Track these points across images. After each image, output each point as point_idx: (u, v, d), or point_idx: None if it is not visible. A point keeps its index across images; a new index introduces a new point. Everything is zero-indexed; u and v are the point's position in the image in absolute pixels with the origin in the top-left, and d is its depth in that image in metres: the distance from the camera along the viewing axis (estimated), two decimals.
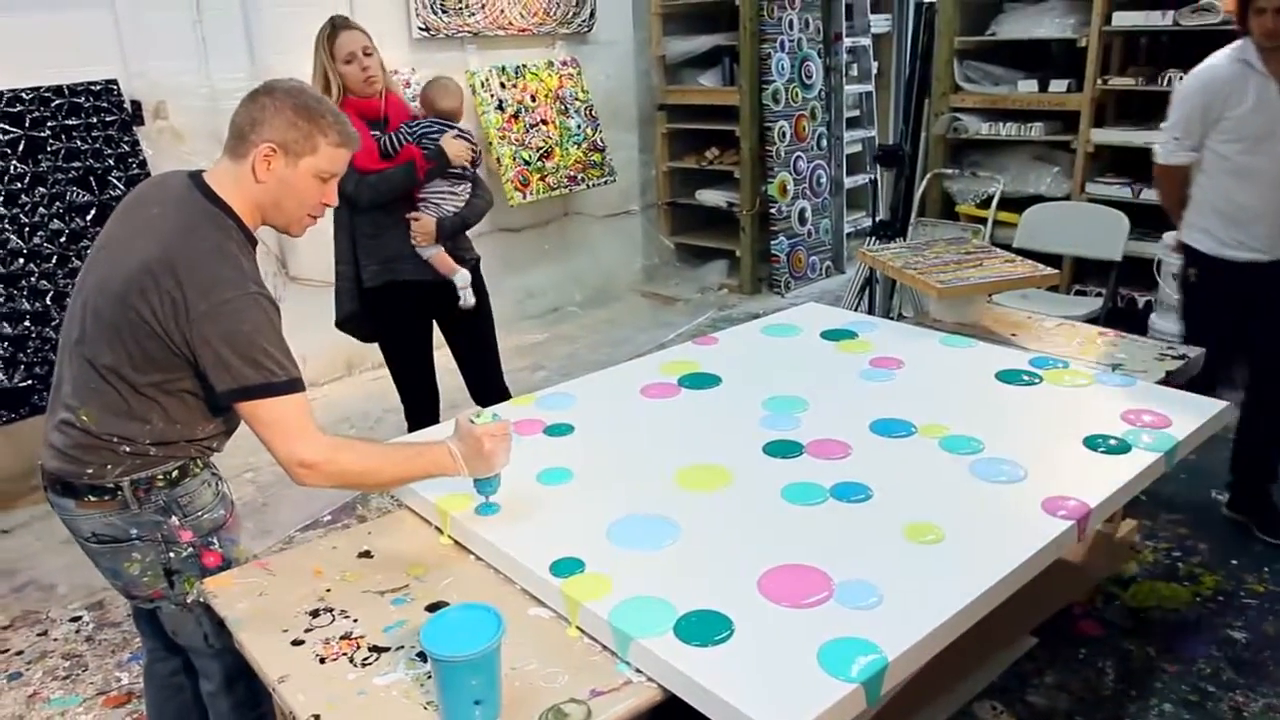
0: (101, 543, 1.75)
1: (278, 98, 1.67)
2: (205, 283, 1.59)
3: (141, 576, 1.77)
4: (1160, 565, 2.93)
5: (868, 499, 1.82)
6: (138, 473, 1.71)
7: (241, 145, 1.68)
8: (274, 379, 1.61)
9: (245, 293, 1.61)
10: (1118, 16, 4.24)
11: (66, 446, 1.69)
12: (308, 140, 1.67)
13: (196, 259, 1.61)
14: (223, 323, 1.59)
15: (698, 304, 5.77)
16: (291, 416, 1.63)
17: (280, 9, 4.20)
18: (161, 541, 1.75)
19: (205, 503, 1.80)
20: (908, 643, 1.40)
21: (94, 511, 1.72)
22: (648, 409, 2.28)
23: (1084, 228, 4.22)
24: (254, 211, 1.72)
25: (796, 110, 5.81)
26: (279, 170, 1.68)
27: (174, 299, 1.59)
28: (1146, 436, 2.04)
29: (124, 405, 1.67)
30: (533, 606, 1.61)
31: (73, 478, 1.70)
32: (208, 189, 1.69)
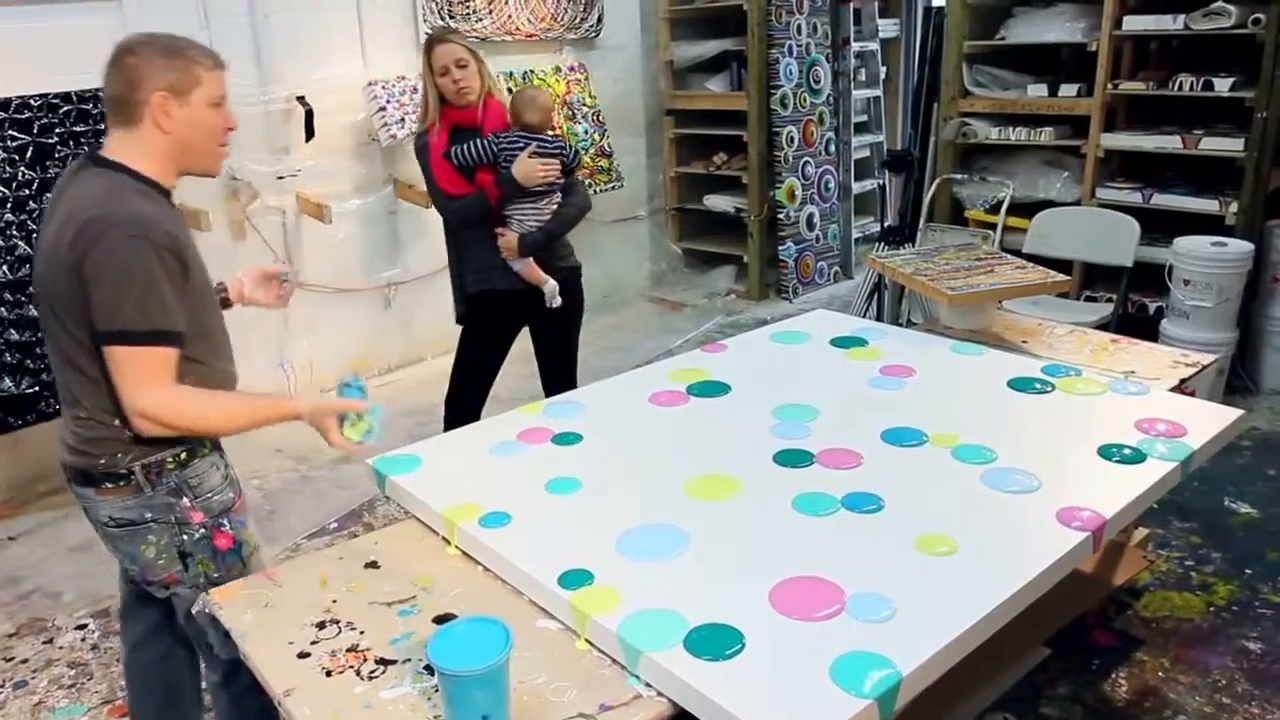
0: (119, 526, 1.82)
1: (141, 52, 1.70)
2: (105, 236, 1.62)
3: (157, 559, 1.83)
4: (1173, 574, 2.90)
5: (879, 509, 1.80)
6: (147, 457, 1.77)
7: (131, 109, 1.70)
8: (132, 326, 1.64)
9: (128, 235, 1.63)
10: (1128, 20, 4.21)
11: (78, 441, 1.78)
12: (188, 74, 1.71)
13: (88, 208, 1.65)
14: (102, 262, 1.62)
15: (705, 309, 5.75)
16: (144, 366, 1.67)
17: (288, 15, 4.20)
18: (175, 524, 1.82)
19: (214, 484, 1.86)
20: (922, 657, 1.38)
21: (111, 497, 1.79)
22: (656, 417, 2.26)
23: (1094, 233, 4.19)
24: (167, 166, 1.76)
25: (804, 115, 5.79)
26: (178, 113, 1.71)
27: (76, 250, 1.63)
28: (1161, 445, 2.02)
29: (100, 385, 1.72)
30: (541, 619, 1.59)
31: (89, 468, 1.78)
32: (104, 160, 1.72)
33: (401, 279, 4.86)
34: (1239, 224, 4.06)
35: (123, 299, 1.63)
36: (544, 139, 2.94)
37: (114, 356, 1.67)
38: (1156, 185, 4.33)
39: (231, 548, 1.88)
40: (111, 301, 1.63)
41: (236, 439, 1.87)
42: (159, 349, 1.68)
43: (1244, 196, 4.04)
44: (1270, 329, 4.16)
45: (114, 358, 1.67)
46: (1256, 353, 4.21)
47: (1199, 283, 3.93)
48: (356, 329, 4.74)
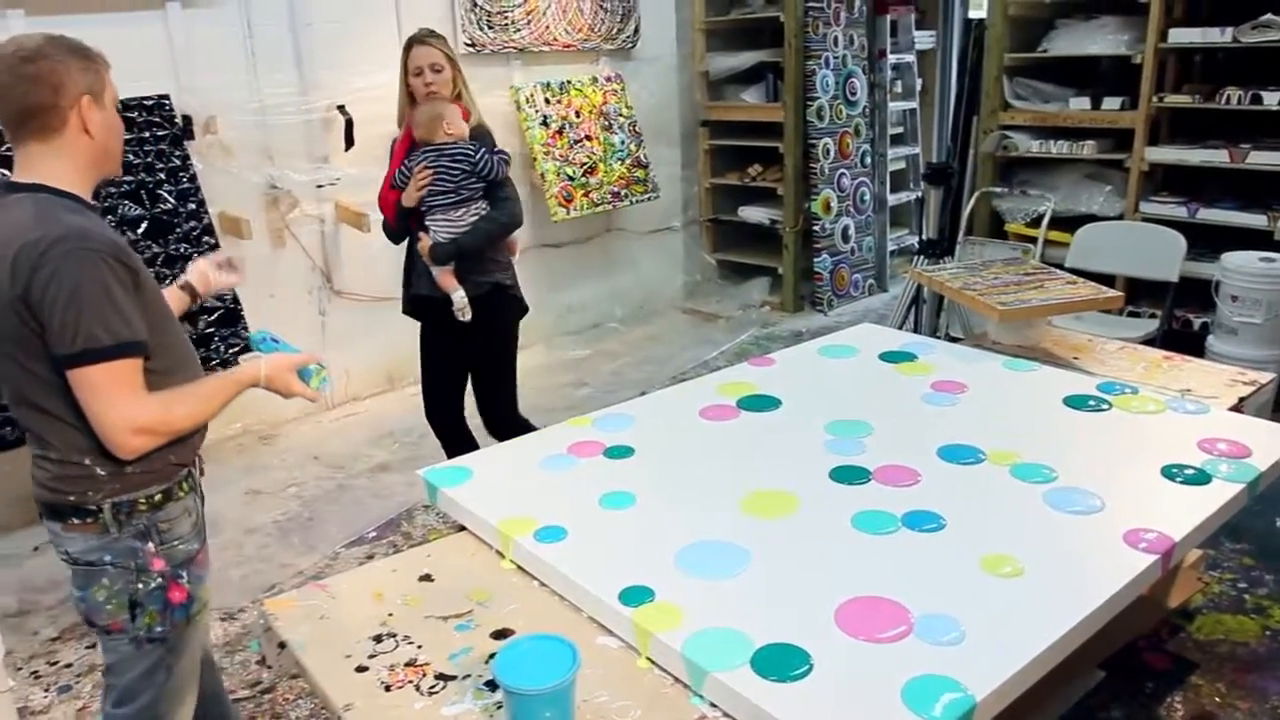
0: (76, 563, 1.70)
1: (52, 56, 1.59)
2: (35, 250, 1.52)
3: (106, 604, 1.70)
4: (1226, 597, 2.84)
5: (941, 528, 1.77)
6: (119, 495, 1.67)
7: (51, 117, 1.59)
8: (98, 342, 1.54)
9: (70, 250, 1.53)
10: (1174, 33, 4.16)
11: (48, 479, 1.67)
12: (100, 77, 1.64)
13: (20, 234, 1.54)
14: (50, 284, 1.52)
15: (740, 321, 5.72)
16: (118, 383, 1.57)
17: (329, 25, 4.22)
18: (134, 569, 1.70)
19: (182, 533, 1.75)
20: (995, 682, 1.35)
21: (76, 534, 1.68)
22: (707, 431, 2.24)
23: (1139, 247, 4.14)
24: (88, 175, 1.67)
25: (840, 127, 5.76)
26: (97, 116, 1.62)
27: (19, 280, 1.53)
28: (1225, 466, 1.98)
29: (68, 422, 1.62)
30: (601, 635, 1.57)
31: (58, 503, 1.68)
32: (18, 184, 1.62)
33: None
34: None
35: (81, 316, 1.53)
36: (448, 149, 2.88)
37: (85, 378, 1.55)
38: (1202, 200, 4.27)
39: (183, 603, 1.75)
40: (70, 322, 1.53)
41: (280, 447, 1.87)
42: (128, 361, 1.58)
43: None
44: None
45: (85, 379, 1.56)
46: None
47: (1247, 299, 3.87)
48: (393, 338, 4.71)
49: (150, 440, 1.61)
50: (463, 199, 2.91)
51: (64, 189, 1.62)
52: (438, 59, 2.91)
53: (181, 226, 3.72)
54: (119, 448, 1.59)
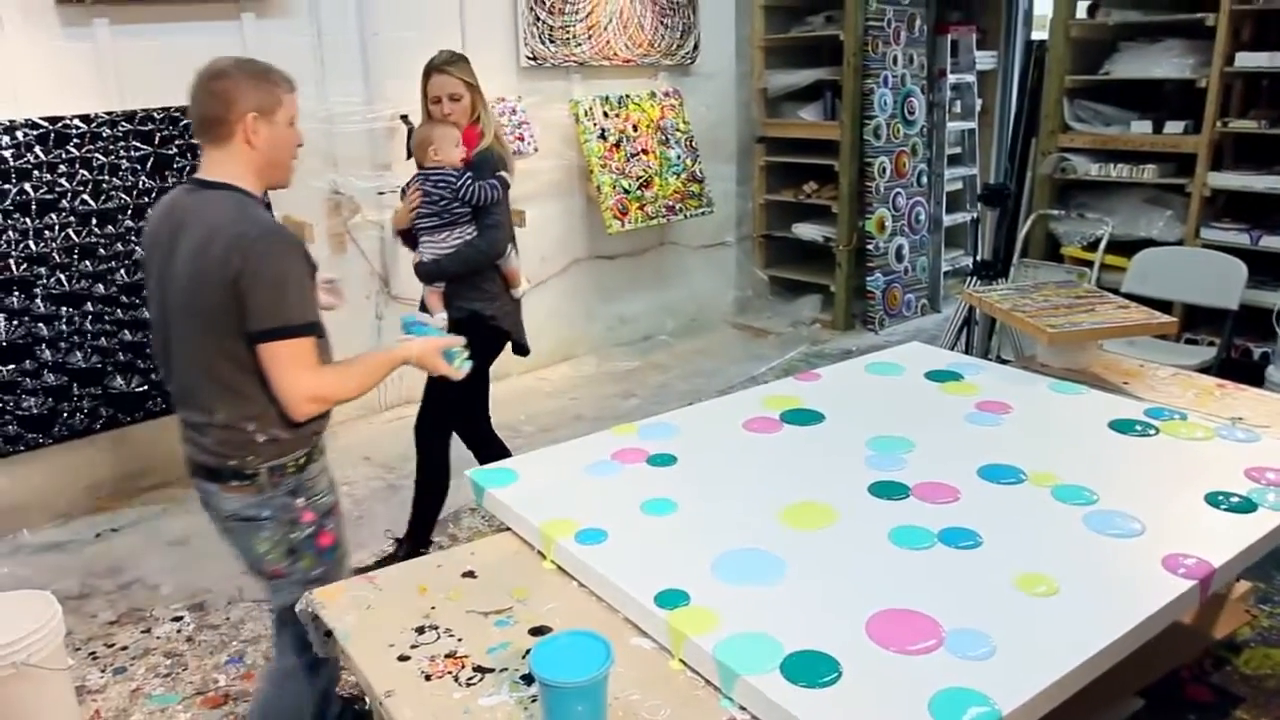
0: (239, 520, 1.97)
1: (232, 76, 1.86)
2: (245, 240, 1.79)
3: (267, 554, 1.99)
4: (1276, 630, 2.79)
5: (977, 546, 1.78)
6: (273, 460, 1.93)
7: (222, 128, 1.85)
8: (289, 323, 1.82)
9: (275, 244, 1.82)
10: (1241, 57, 4.11)
11: (213, 444, 1.92)
12: (272, 96, 1.87)
13: (233, 228, 1.80)
14: (260, 270, 1.78)
15: (790, 338, 5.73)
16: (298, 357, 1.84)
17: (396, 34, 4.34)
18: (288, 522, 1.98)
19: (323, 488, 2.04)
20: (1022, 698, 1.36)
21: (235, 494, 1.94)
22: (750, 443, 2.27)
23: (1198, 274, 4.07)
24: (256, 178, 1.91)
25: (897, 146, 5.76)
26: (264, 131, 1.86)
27: (229, 266, 1.78)
28: (1272, 495, 1.95)
29: (242, 393, 1.87)
30: (635, 636, 1.61)
31: (218, 466, 1.93)
32: (213, 182, 1.88)
33: None
34: None
35: (283, 299, 1.81)
36: (433, 173, 2.95)
37: (275, 351, 1.82)
38: (1265, 226, 4.20)
39: (331, 546, 2.06)
40: (270, 302, 1.80)
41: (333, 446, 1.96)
42: (309, 339, 1.86)
43: None
44: None
45: (274, 352, 1.82)
46: None
47: None
48: None
49: (320, 406, 1.91)
50: (446, 222, 2.97)
51: (245, 189, 1.89)
52: (455, 88, 2.97)
53: None
54: (295, 412, 1.87)
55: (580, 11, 4.91)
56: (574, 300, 5.37)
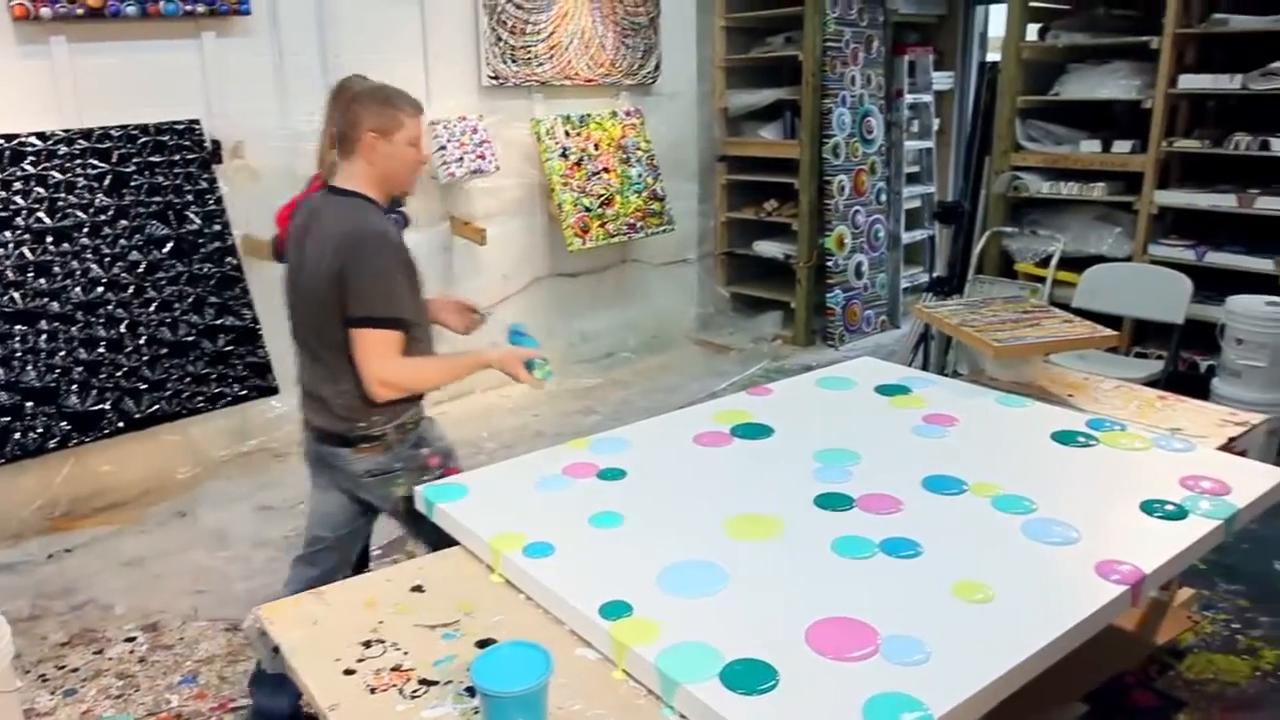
0: (374, 476, 2.27)
1: (360, 99, 2.16)
2: (363, 249, 2.10)
3: (407, 498, 2.25)
4: (1218, 637, 2.85)
5: (917, 555, 1.81)
6: (396, 420, 2.24)
7: (348, 145, 2.16)
8: (377, 314, 2.11)
9: (387, 251, 2.12)
10: (1184, 79, 4.22)
11: (342, 411, 2.22)
12: (393, 120, 2.14)
13: (345, 228, 2.11)
14: (361, 266, 2.09)
15: (751, 354, 5.78)
16: (382, 346, 2.12)
17: (359, 56, 4.34)
18: (419, 469, 2.28)
19: (439, 434, 2.38)
20: (953, 701, 1.39)
21: (366, 455, 2.24)
22: (700, 456, 2.30)
23: (1146, 289, 4.17)
24: (378, 188, 2.20)
25: (856, 165, 5.84)
26: (382, 149, 2.15)
27: (338, 260, 2.08)
28: (1205, 503, 2.01)
29: None
30: (580, 647, 1.63)
31: (347, 432, 2.23)
32: (341, 190, 2.19)
33: None
34: None
35: (373, 292, 2.09)
36: None
37: (360, 336, 2.11)
38: (1210, 243, 4.31)
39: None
40: (363, 293, 2.08)
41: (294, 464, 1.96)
42: (394, 332, 2.13)
43: None
44: None
45: (359, 337, 2.11)
46: None
47: (1252, 342, 3.89)
48: None
49: (392, 392, 2.17)
50: None
51: (368, 196, 2.18)
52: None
53: (206, 247, 3.84)
54: (370, 394, 2.16)
55: (542, 32, 4.96)
56: (535, 317, 5.38)
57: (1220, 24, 4.12)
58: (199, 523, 3.72)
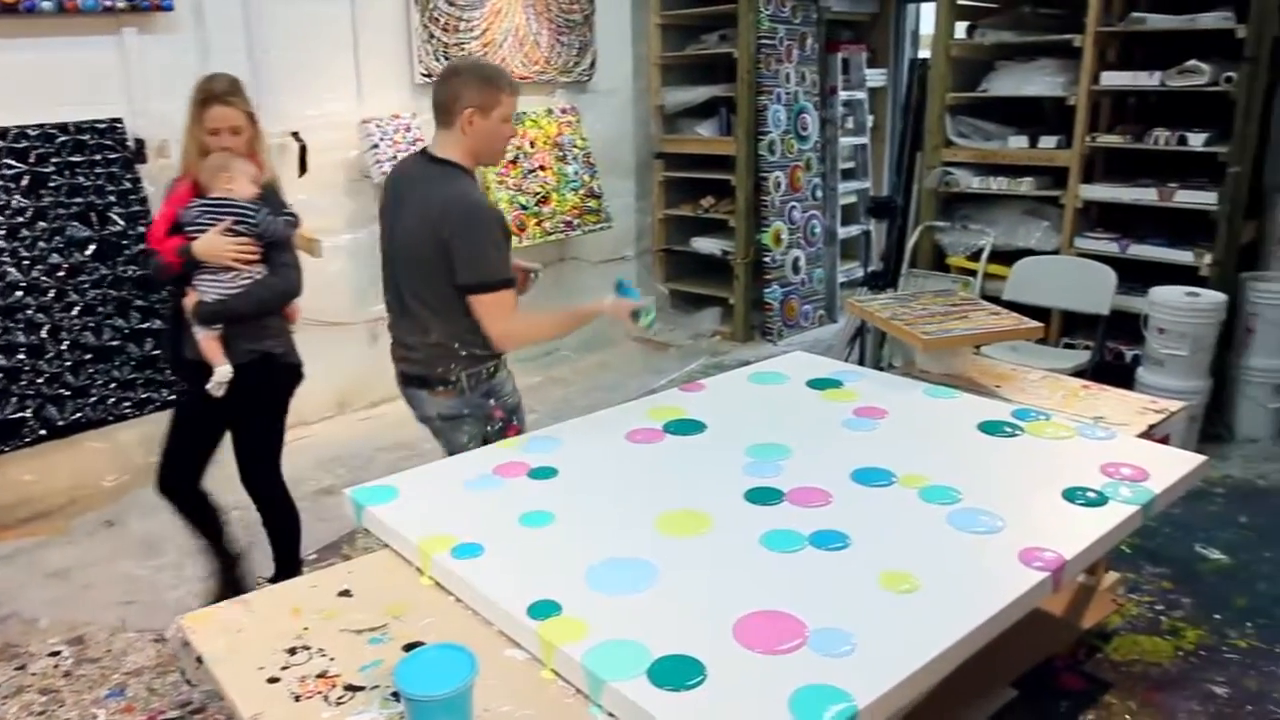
0: (444, 419, 2.54)
1: (464, 75, 2.37)
2: (459, 214, 2.32)
3: (469, 443, 2.50)
4: (1143, 619, 2.93)
5: (845, 547, 1.83)
6: (470, 369, 2.47)
7: (448, 116, 2.37)
8: (489, 280, 2.34)
9: (481, 216, 2.35)
10: (1106, 76, 4.32)
11: (424, 357, 2.48)
12: (493, 98, 2.35)
13: (452, 201, 2.33)
14: (467, 240, 2.31)
15: (690, 350, 5.80)
16: (500, 306, 2.37)
17: (286, 52, 4.28)
18: (483, 418, 2.52)
19: (509, 390, 2.60)
20: (878, 691, 1.41)
21: (441, 398, 2.50)
22: (632, 454, 2.30)
23: (1072, 281, 4.27)
24: (470, 158, 2.42)
25: (792, 161, 5.89)
26: (479, 124, 2.36)
27: (448, 232, 2.30)
28: (1125, 489, 2.06)
29: (450, 320, 2.41)
30: (509, 648, 1.62)
31: (427, 375, 2.49)
32: (435, 158, 2.41)
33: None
34: (1213, 275, 4.14)
35: (483, 259, 2.33)
36: (222, 205, 2.62)
37: (479, 301, 2.36)
38: (1133, 236, 4.42)
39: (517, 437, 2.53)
40: (474, 261, 2.32)
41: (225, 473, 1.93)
42: (508, 291, 2.39)
43: (1218, 248, 4.12)
44: (1244, 378, 4.22)
45: (479, 302, 2.36)
46: (1231, 401, 4.27)
47: (1174, 331, 4.00)
48: (343, 363, 4.76)
49: (515, 343, 2.52)
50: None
51: (463, 165, 2.40)
52: (237, 121, 2.69)
53: (130, 249, 3.74)
54: (497, 346, 2.48)
55: (475, 29, 4.92)
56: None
57: (1139, 22, 4.23)
58: (127, 532, 3.63)
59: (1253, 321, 4.18)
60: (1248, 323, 4.20)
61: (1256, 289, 4.16)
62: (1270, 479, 3.89)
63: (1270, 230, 4.36)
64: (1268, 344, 4.17)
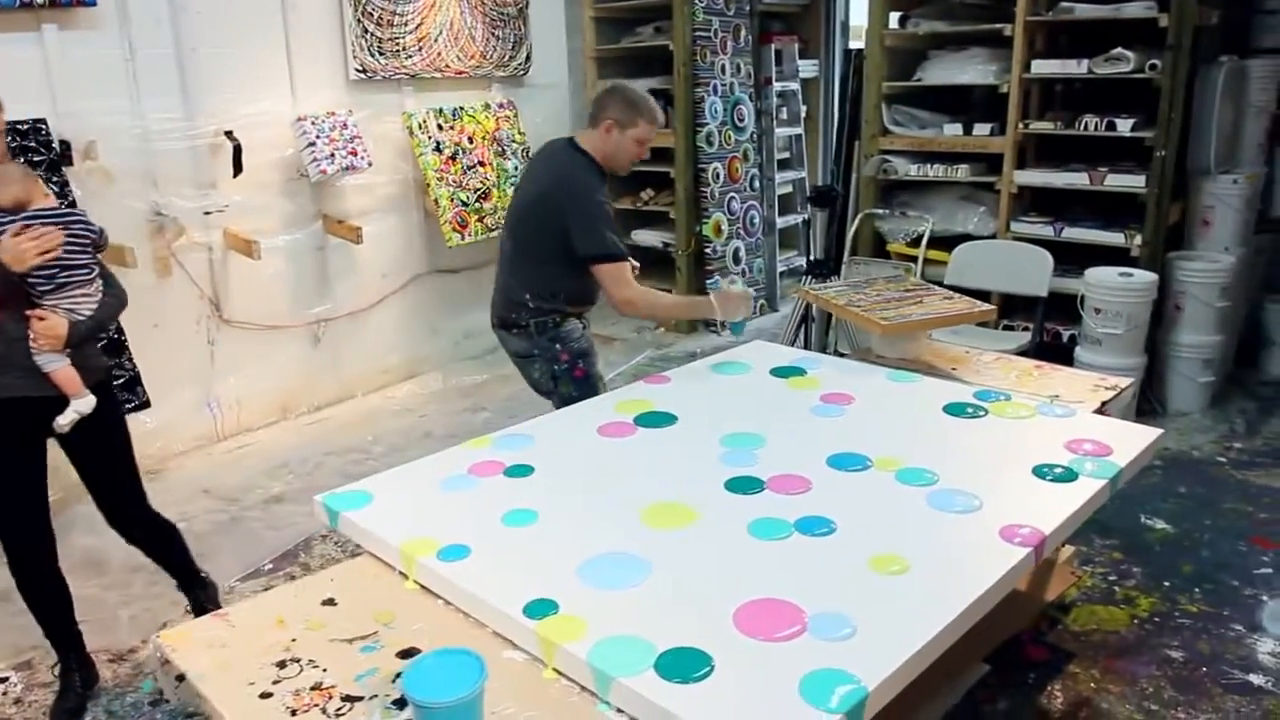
0: (519, 357, 3.06)
1: (615, 94, 2.91)
2: (575, 196, 2.81)
3: (541, 379, 3.05)
4: (1098, 589, 3.02)
5: (832, 532, 1.85)
6: (537, 317, 2.93)
7: (594, 120, 2.90)
8: (610, 250, 2.82)
9: (596, 199, 2.83)
10: (1036, 64, 4.43)
11: (502, 301, 3.02)
12: (631, 120, 2.87)
13: (571, 181, 2.84)
14: (583, 216, 2.80)
15: (635, 343, 5.80)
16: (621, 273, 2.85)
17: (216, 49, 4.15)
18: (551, 358, 2.98)
19: (576, 337, 2.99)
20: (885, 672, 1.42)
21: (517, 338, 3.00)
22: (606, 448, 2.29)
23: (1011, 265, 4.37)
24: (601, 158, 2.91)
25: (729, 152, 5.92)
26: (615, 136, 2.88)
27: (561, 205, 2.80)
28: (1090, 464, 2.12)
29: (530, 277, 2.91)
30: (506, 650, 1.60)
31: (506, 320, 3.01)
32: (578, 145, 2.92)
33: (331, 315, 4.80)
34: (1143, 255, 4.28)
35: (600, 234, 2.80)
36: (55, 215, 2.36)
37: (601, 269, 2.84)
38: (1066, 219, 4.55)
39: (583, 378, 3.00)
40: (593, 233, 2.79)
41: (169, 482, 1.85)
42: (625, 264, 2.87)
43: (1146, 230, 4.26)
44: (1174, 354, 4.38)
45: (601, 269, 2.84)
46: (1163, 377, 4.43)
47: (1109, 311, 4.13)
48: (285, 366, 4.66)
49: (637, 310, 2.96)
50: (95, 274, 2.45)
51: (595, 159, 2.90)
52: None
53: None
54: (617, 310, 2.96)
55: (410, 23, 4.84)
56: (417, 316, 5.27)
57: (1067, 12, 4.34)
58: (69, 550, 3.46)
59: (1181, 299, 4.34)
60: (1176, 300, 4.35)
61: (1183, 268, 4.32)
62: (1204, 450, 4.04)
63: (1195, 211, 4.52)
64: (1195, 321, 4.33)
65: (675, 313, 3.36)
